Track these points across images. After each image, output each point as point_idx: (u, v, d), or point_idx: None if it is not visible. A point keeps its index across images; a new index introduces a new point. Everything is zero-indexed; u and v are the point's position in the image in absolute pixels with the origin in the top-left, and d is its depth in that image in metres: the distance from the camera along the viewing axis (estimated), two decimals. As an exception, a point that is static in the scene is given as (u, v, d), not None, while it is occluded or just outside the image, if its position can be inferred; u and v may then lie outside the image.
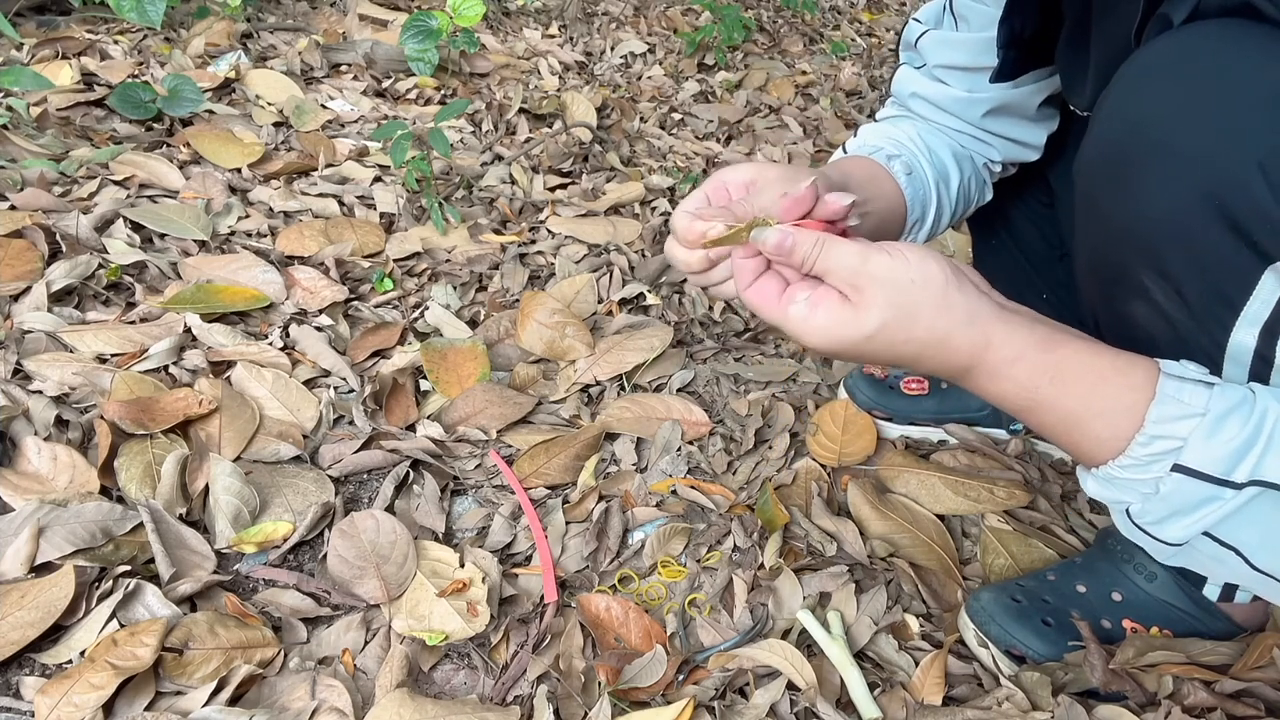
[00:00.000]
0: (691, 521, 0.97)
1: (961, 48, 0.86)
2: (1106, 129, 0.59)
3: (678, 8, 2.85)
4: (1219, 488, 0.46)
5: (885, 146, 0.88)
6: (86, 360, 1.05)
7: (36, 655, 0.75)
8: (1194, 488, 0.47)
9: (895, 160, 0.87)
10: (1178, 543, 0.49)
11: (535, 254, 1.49)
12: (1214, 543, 0.48)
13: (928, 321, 0.54)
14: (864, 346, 0.54)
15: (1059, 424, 0.53)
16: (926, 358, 0.55)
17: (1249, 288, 0.51)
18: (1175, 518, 0.48)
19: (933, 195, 0.90)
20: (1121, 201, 0.58)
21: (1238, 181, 0.50)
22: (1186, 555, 0.51)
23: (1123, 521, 0.54)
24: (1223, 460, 0.46)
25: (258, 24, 2.10)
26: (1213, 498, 0.47)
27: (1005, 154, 0.94)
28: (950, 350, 0.54)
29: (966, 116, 0.91)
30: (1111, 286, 0.63)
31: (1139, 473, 0.49)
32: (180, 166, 1.49)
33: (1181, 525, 0.48)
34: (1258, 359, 0.53)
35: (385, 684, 0.76)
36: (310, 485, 0.96)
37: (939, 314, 0.54)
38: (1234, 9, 0.53)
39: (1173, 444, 0.48)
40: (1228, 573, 0.50)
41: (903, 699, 0.79)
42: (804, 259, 0.55)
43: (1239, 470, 0.46)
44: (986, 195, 0.99)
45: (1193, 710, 0.75)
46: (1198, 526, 0.48)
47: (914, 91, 0.92)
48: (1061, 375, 0.53)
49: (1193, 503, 0.47)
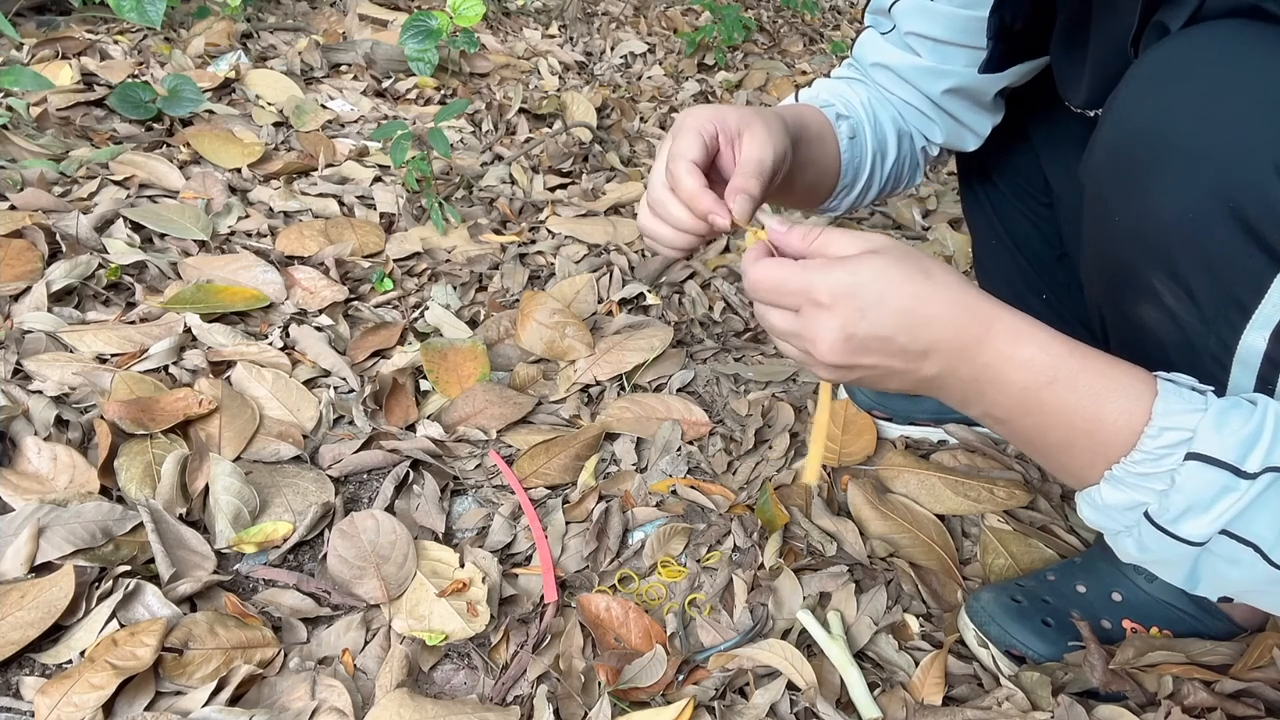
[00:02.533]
0: (691, 521, 0.97)
1: (940, 20, 0.85)
2: (1116, 130, 0.59)
3: (678, 8, 2.85)
4: (1235, 477, 0.46)
5: (836, 105, 0.88)
6: (86, 360, 1.05)
7: (36, 655, 0.75)
8: (1211, 476, 0.47)
9: (843, 121, 0.87)
10: (1198, 540, 0.48)
11: (535, 254, 1.49)
12: (1232, 541, 0.48)
13: (942, 266, 0.55)
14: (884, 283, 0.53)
15: (1079, 405, 0.51)
16: (944, 309, 0.53)
17: (1261, 290, 0.51)
18: (1193, 512, 0.48)
19: (866, 165, 0.90)
20: (1131, 203, 0.58)
21: (1252, 184, 0.49)
22: (1203, 565, 0.50)
23: (1134, 540, 0.52)
24: (1234, 449, 0.46)
25: (258, 24, 2.10)
26: (1229, 488, 0.46)
27: (948, 136, 0.93)
28: (968, 297, 0.53)
29: (926, 89, 0.89)
30: (1119, 288, 0.63)
31: (1153, 465, 0.48)
32: (180, 166, 1.49)
33: (1201, 521, 0.48)
34: (1267, 362, 0.52)
35: (385, 684, 0.76)
36: (310, 485, 0.96)
37: (948, 271, 0.55)
38: (1242, 10, 0.53)
39: (1183, 434, 0.47)
40: (1242, 575, 0.49)
41: (903, 699, 0.79)
42: (804, 235, 0.58)
43: (1251, 459, 0.46)
44: (917, 179, 0.99)
45: (1193, 710, 0.75)
46: (1218, 523, 0.47)
47: (877, 60, 0.91)
48: (1079, 349, 0.52)
49: (1210, 494, 0.47)
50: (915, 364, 0.55)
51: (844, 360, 0.55)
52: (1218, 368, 0.55)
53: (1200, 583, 0.52)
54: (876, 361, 0.55)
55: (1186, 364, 0.57)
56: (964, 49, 0.85)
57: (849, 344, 0.54)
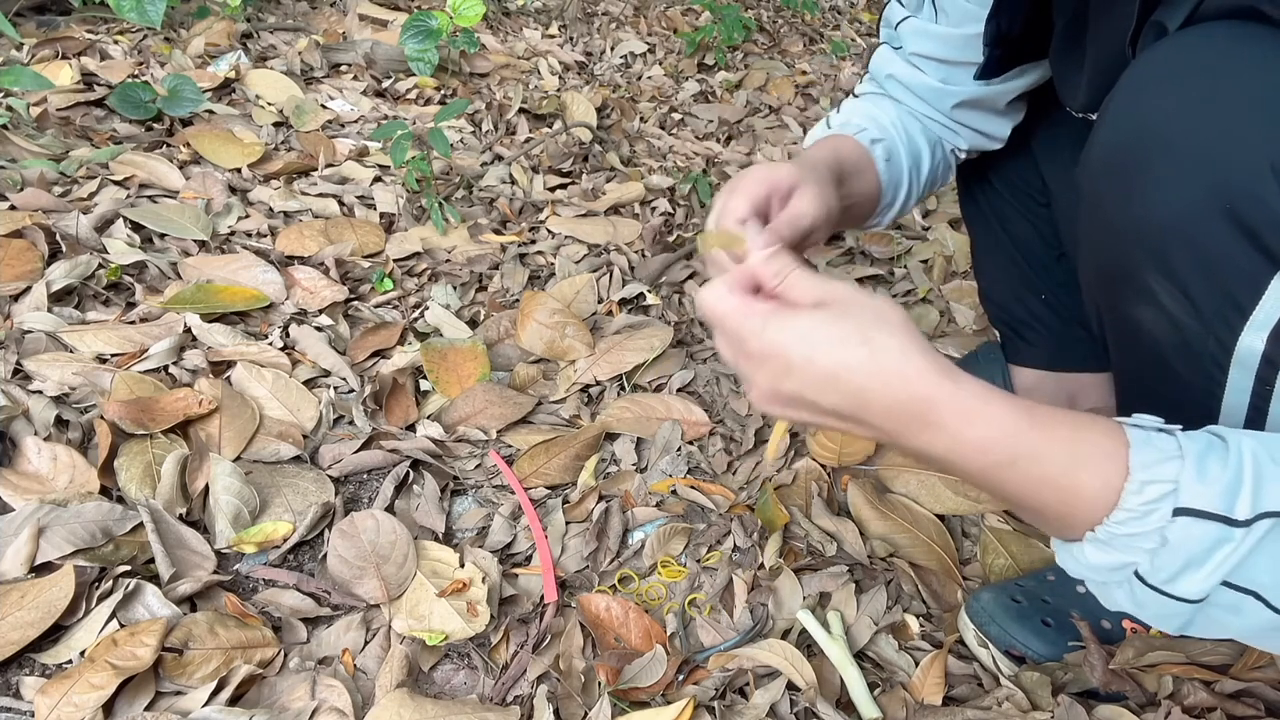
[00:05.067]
0: (691, 521, 0.97)
1: (939, 40, 0.86)
2: (1113, 131, 0.59)
3: (678, 8, 2.85)
4: (1228, 527, 0.43)
5: (869, 128, 0.89)
6: (86, 360, 1.05)
7: (36, 655, 0.75)
8: (1203, 530, 0.44)
9: (878, 145, 0.88)
10: (1196, 598, 0.45)
11: (535, 254, 1.49)
12: (1232, 591, 0.45)
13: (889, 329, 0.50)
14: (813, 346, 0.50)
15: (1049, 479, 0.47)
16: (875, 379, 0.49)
17: (1259, 291, 0.50)
18: (1191, 569, 0.45)
19: (904, 181, 0.91)
20: (1128, 204, 0.57)
21: (1249, 184, 0.49)
22: (1201, 618, 0.47)
23: (1124, 594, 0.49)
24: (1220, 497, 0.43)
25: (258, 24, 2.10)
26: (1224, 539, 0.43)
27: (971, 144, 0.95)
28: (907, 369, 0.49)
29: (938, 106, 0.91)
30: (1116, 289, 0.63)
31: (1139, 525, 0.45)
32: (180, 166, 1.49)
33: (1199, 577, 0.45)
34: (1265, 363, 0.52)
35: (385, 684, 0.76)
36: (310, 485, 0.96)
37: (900, 328, 0.50)
38: (1237, 11, 0.53)
39: (1165, 488, 0.44)
40: (1244, 623, 0.46)
41: (903, 699, 0.79)
42: (776, 272, 0.55)
43: (1239, 506, 0.43)
44: (949, 178, 1.01)
45: (1193, 710, 0.75)
46: (1216, 576, 0.44)
47: (890, 73, 0.92)
48: (1038, 419, 0.48)
49: (1205, 548, 0.44)
50: (853, 426, 0.53)
51: (774, 409, 0.54)
52: (1215, 369, 0.55)
53: (1198, 630, 0.49)
54: (810, 417, 0.54)
55: (1184, 365, 0.57)
56: (968, 66, 0.86)
57: (776, 398, 0.53)
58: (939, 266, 1.59)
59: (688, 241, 1.58)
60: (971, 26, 0.82)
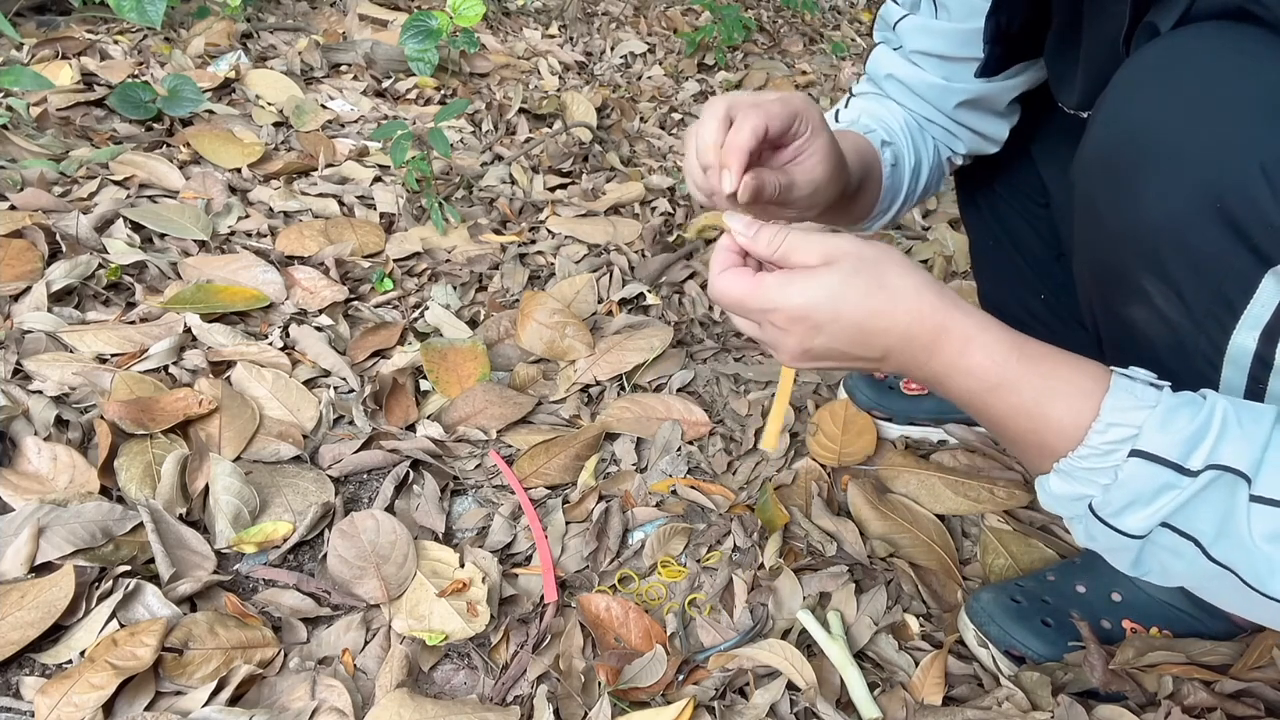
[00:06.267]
0: (691, 521, 0.97)
1: (941, 36, 0.85)
2: (1105, 131, 0.59)
3: (678, 8, 2.85)
4: (1176, 474, 0.47)
5: (879, 130, 0.88)
6: (86, 360, 1.05)
7: (36, 655, 0.75)
8: (1151, 473, 0.47)
9: (887, 149, 0.88)
10: (1138, 534, 0.49)
11: (535, 254, 1.49)
12: (1172, 533, 0.49)
13: (898, 270, 0.55)
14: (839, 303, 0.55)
15: (1023, 407, 0.53)
16: (897, 319, 0.54)
17: (1249, 291, 0.51)
18: (1135, 507, 0.49)
19: (903, 189, 0.91)
20: (1120, 204, 0.58)
21: (1239, 184, 0.49)
22: (1147, 555, 0.51)
23: (1082, 528, 0.54)
24: (1177, 446, 0.47)
25: (258, 24, 2.10)
26: (1170, 484, 0.47)
27: (970, 147, 0.94)
28: (922, 305, 0.54)
29: (939, 105, 0.90)
30: (1110, 289, 0.63)
31: (1098, 461, 0.49)
32: (180, 166, 1.49)
33: (1142, 515, 0.49)
34: (1257, 362, 0.52)
35: (385, 684, 0.76)
36: (310, 485, 0.96)
37: (907, 267, 0.56)
38: (1229, 12, 0.53)
39: (1128, 431, 0.48)
40: (1185, 568, 0.50)
41: (903, 699, 0.79)
42: (769, 242, 0.58)
43: (1194, 457, 0.46)
44: (939, 188, 1.01)
45: (1193, 710, 0.75)
46: (1157, 516, 0.48)
47: (890, 73, 0.91)
48: (1027, 352, 0.53)
49: (1151, 490, 0.48)
50: (873, 364, 0.58)
51: (804, 364, 0.60)
52: (1209, 368, 0.55)
53: (1148, 570, 0.53)
54: (835, 364, 0.59)
55: (1178, 364, 0.57)
56: (969, 62, 0.85)
57: (807, 355, 0.58)
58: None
59: (688, 241, 1.58)
60: (973, 21, 0.81)
